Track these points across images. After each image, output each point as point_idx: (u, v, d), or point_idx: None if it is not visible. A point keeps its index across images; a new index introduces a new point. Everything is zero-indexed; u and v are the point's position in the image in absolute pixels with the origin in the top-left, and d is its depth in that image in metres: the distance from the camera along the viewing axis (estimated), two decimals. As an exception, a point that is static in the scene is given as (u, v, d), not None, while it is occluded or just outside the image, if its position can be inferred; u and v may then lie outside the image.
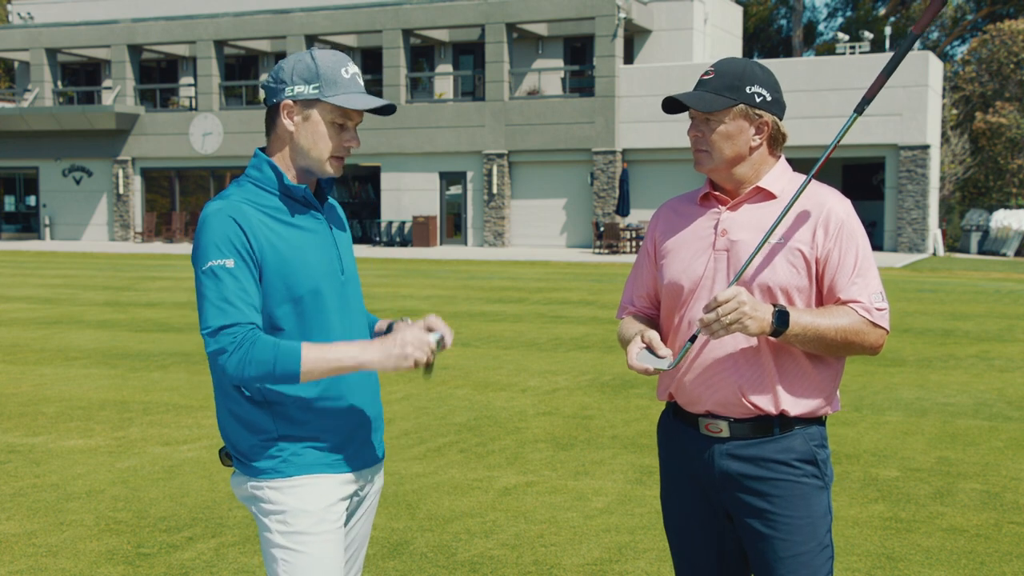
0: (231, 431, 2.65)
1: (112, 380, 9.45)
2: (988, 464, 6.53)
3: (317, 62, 2.59)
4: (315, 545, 2.58)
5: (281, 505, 2.58)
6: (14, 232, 39.52)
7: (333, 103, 2.57)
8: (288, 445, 2.59)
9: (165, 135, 36.10)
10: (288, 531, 2.58)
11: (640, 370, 2.64)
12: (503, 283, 20.09)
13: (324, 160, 2.62)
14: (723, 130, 2.67)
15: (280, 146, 2.65)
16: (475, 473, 6.30)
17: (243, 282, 2.50)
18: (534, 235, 32.65)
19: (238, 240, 2.51)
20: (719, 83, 2.67)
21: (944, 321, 13.94)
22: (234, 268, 2.50)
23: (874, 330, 2.63)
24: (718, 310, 2.48)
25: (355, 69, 2.64)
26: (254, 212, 2.56)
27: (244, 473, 2.65)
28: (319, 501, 2.59)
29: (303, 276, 2.58)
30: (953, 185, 34.38)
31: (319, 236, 2.65)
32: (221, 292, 2.48)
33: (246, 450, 2.63)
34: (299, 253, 2.58)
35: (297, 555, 2.57)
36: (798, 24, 46.70)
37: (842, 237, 2.64)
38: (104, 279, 21.11)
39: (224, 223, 2.51)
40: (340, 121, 2.61)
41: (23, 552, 4.92)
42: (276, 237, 2.56)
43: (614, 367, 10.06)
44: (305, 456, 2.60)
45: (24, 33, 37.81)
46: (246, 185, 2.63)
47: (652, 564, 4.78)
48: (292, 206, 2.63)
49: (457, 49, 35.92)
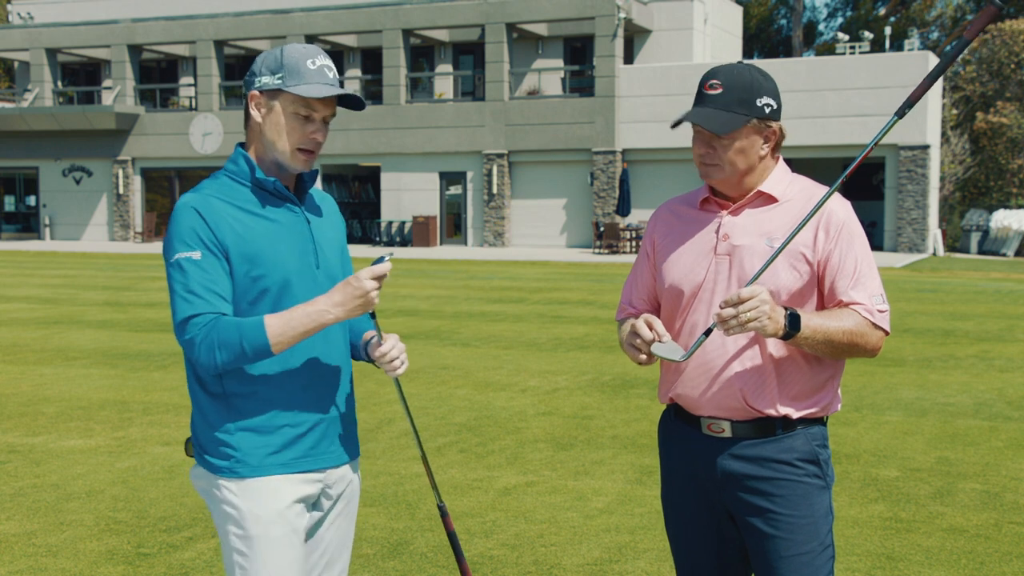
0: (194, 423, 2.65)
1: (112, 380, 9.44)
2: (988, 464, 6.53)
3: (284, 53, 2.58)
4: (269, 550, 2.55)
5: (235, 508, 2.57)
6: (14, 232, 39.52)
7: (293, 92, 2.54)
8: (243, 443, 2.56)
9: (165, 135, 36.10)
10: (242, 535, 2.56)
11: (641, 359, 2.64)
12: (503, 283, 20.08)
13: (288, 152, 2.60)
14: (738, 147, 2.64)
15: (253, 139, 2.65)
16: (475, 473, 6.30)
17: (210, 273, 2.49)
18: (534, 235, 32.64)
19: (203, 232, 2.50)
20: (730, 98, 2.62)
21: (944, 321, 13.94)
22: (200, 260, 2.49)
23: (875, 331, 2.63)
24: (739, 307, 2.45)
25: (325, 62, 2.60)
26: (222, 205, 2.55)
27: (202, 467, 2.63)
28: (273, 504, 2.56)
29: (271, 268, 2.55)
30: (953, 185, 34.37)
31: (292, 229, 2.62)
32: (187, 284, 2.48)
33: (204, 444, 2.62)
34: (268, 245, 2.56)
35: (250, 560, 2.56)
36: (798, 24, 46.70)
37: (842, 239, 2.63)
38: (104, 279, 21.10)
39: (189, 216, 2.51)
40: (304, 112, 2.58)
41: (23, 552, 4.92)
42: (244, 228, 2.54)
43: (614, 367, 10.06)
44: (259, 455, 2.57)
45: (24, 33, 37.80)
46: (221, 178, 2.63)
47: (652, 564, 4.78)
48: (264, 198, 2.61)
49: (457, 49, 35.92)
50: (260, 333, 2.45)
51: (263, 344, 2.45)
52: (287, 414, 2.60)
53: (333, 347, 2.69)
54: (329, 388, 2.68)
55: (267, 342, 2.45)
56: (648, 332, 2.61)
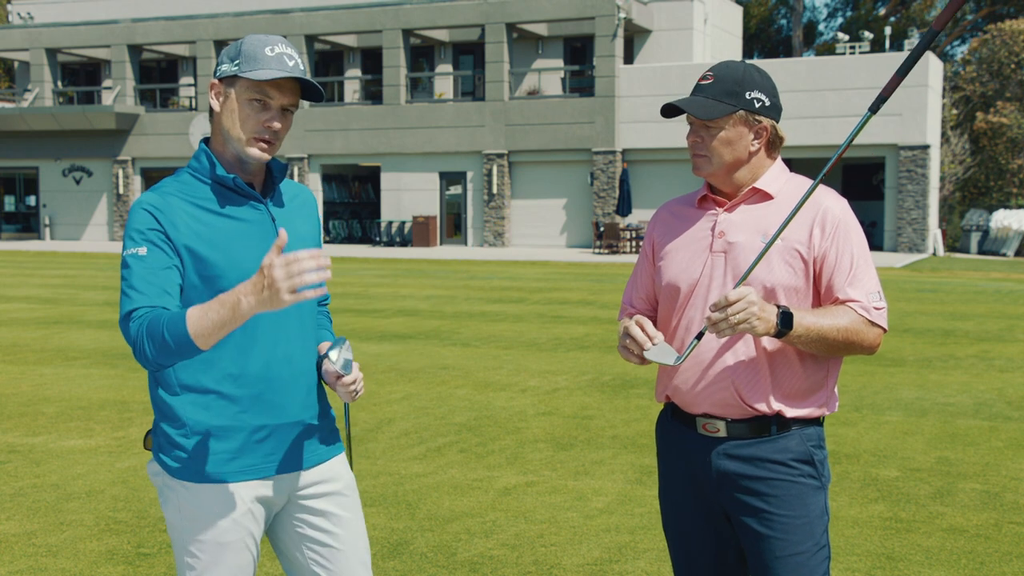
0: (155, 421, 2.61)
1: (112, 380, 9.44)
2: (988, 464, 6.53)
3: (243, 42, 2.52)
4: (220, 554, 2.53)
5: (188, 509, 2.53)
6: (14, 232, 39.52)
7: (247, 77, 2.48)
8: (197, 446, 2.52)
9: (165, 135, 36.11)
10: (194, 538, 2.53)
11: (637, 359, 2.65)
12: (503, 283, 20.08)
13: (244, 141, 2.51)
14: (723, 136, 2.66)
15: (215, 128, 2.58)
16: (475, 473, 6.30)
17: (153, 267, 2.42)
18: (534, 235, 32.64)
19: (152, 229, 2.45)
20: (718, 89, 2.66)
21: (944, 321, 13.94)
22: (146, 255, 2.43)
23: (872, 329, 2.63)
24: (727, 309, 2.46)
25: (285, 50, 2.52)
26: (180, 203, 2.50)
27: (159, 465, 2.59)
28: (226, 509, 2.52)
29: (227, 267, 2.48)
30: (953, 185, 34.37)
31: (254, 227, 2.55)
32: (130, 280, 2.43)
33: (162, 443, 2.57)
34: (225, 243, 2.49)
35: (201, 563, 2.53)
36: (798, 24, 46.70)
37: (839, 236, 2.64)
38: (104, 279, 21.10)
39: (140, 214, 2.47)
40: (259, 98, 2.50)
41: (23, 552, 4.92)
42: (200, 227, 2.49)
43: (614, 367, 10.06)
44: (216, 460, 2.52)
45: (24, 33, 37.81)
46: (183, 175, 2.57)
47: (652, 564, 4.78)
48: (225, 195, 2.54)
49: (457, 49, 35.92)
50: (181, 324, 2.29)
51: (183, 334, 2.28)
52: (245, 417, 2.54)
53: (295, 347, 2.62)
54: (292, 390, 2.61)
55: (186, 331, 2.27)
56: (640, 334, 2.62)
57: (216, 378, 2.52)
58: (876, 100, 2.50)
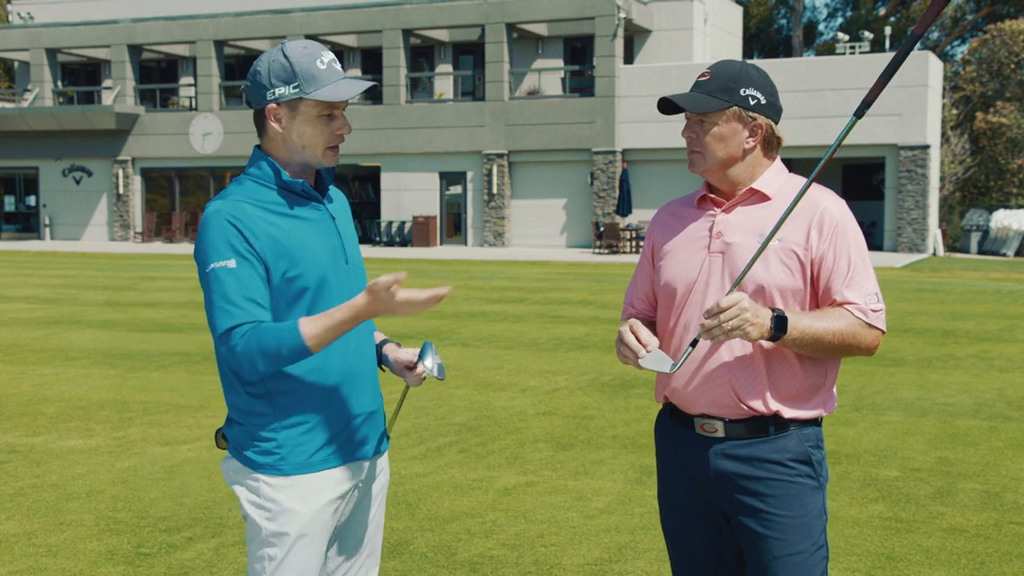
0: (232, 420, 2.68)
1: (112, 380, 9.44)
2: (988, 464, 6.53)
3: (291, 60, 2.56)
4: (301, 547, 2.60)
5: (274, 502, 2.60)
6: (14, 232, 39.53)
7: (316, 99, 2.55)
8: (286, 440, 2.60)
9: (165, 135, 36.10)
10: (277, 531, 2.59)
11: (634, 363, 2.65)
12: (503, 283, 20.09)
13: (319, 153, 2.63)
14: (716, 132, 2.67)
15: (274, 144, 2.65)
16: (475, 473, 6.30)
17: (245, 281, 2.50)
18: (534, 235, 32.64)
19: (237, 240, 2.51)
20: (714, 85, 2.67)
21: (944, 321, 13.94)
22: (236, 268, 2.50)
23: (870, 331, 2.63)
24: (720, 316, 2.46)
25: (330, 56, 2.61)
26: (253, 209, 2.56)
27: (240, 462, 2.66)
28: (312, 502, 2.61)
29: (308, 267, 2.58)
30: (953, 185, 34.37)
31: (322, 226, 2.66)
32: (225, 294, 2.49)
33: (244, 440, 2.64)
34: (302, 244, 2.59)
35: (281, 554, 2.59)
36: (798, 24, 46.70)
37: (836, 238, 2.63)
38: (104, 279, 21.10)
39: (221, 225, 2.52)
40: (327, 112, 2.60)
41: (23, 552, 4.92)
42: (277, 231, 2.56)
43: (614, 367, 10.06)
44: (301, 451, 2.61)
45: (24, 33, 37.80)
46: (246, 183, 2.64)
47: (652, 564, 4.78)
48: (291, 199, 2.63)
49: (457, 49, 35.92)
50: (295, 334, 2.46)
51: (299, 343, 2.46)
52: (328, 409, 2.63)
53: (364, 341, 2.74)
54: (364, 382, 2.72)
55: (302, 341, 2.46)
56: (634, 342, 2.63)
57: (300, 372, 2.60)
58: (861, 105, 2.48)
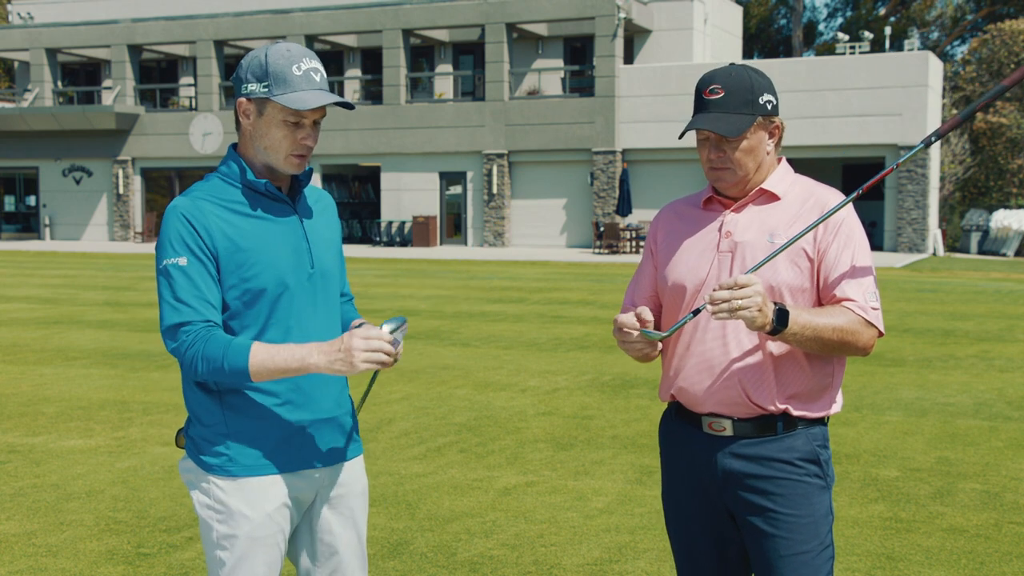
0: (189, 418, 2.66)
1: (112, 380, 9.44)
2: (988, 464, 6.53)
3: (268, 60, 2.54)
4: (252, 550, 2.58)
5: (224, 505, 2.58)
6: (14, 232, 39.52)
7: (281, 103, 2.52)
8: (235, 442, 2.57)
9: (165, 135, 36.11)
10: (228, 533, 2.58)
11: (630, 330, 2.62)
12: (503, 283, 20.08)
13: (280, 158, 2.58)
14: (745, 146, 2.66)
15: (245, 142, 2.63)
16: (475, 473, 6.30)
17: (196, 279, 2.49)
18: (534, 235, 32.64)
19: (190, 237, 2.50)
20: (734, 101, 2.64)
21: (944, 321, 13.94)
22: (187, 266, 2.49)
23: (867, 329, 2.63)
24: (733, 291, 2.45)
25: (310, 65, 2.55)
26: (212, 207, 2.54)
27: (193, 462, 2.64)
28: (262, 504, 2.58)
29: (264, 268, 2.54)
30: (953, 185, 34.37)
31: (285, 229, 2.61)
32: (174, 291, 2.48)
33: (197, 441, 2.62)
34: (260, 246, 2.55)
35: (233, 557, 2.58)
36: (798, 24, 46.70)
37: (840, 235, 2.65)
38: (104, 279, 21.10)
39: (176, 221, 2.51)
40: (293, 119, 2.54)
41: (23, 552, 4.92)
42: (234, 230, 2.53)
43: (614, 367, 10.06)
44: (251, 454, 2.58)
45: (24, 33, 37.81)
46: (213, 180, 2.62)
47: (652, 564, 4.78)
48: (255, 199, 2.60)
49: (457, 49, 35.92)
50: (243, 358, 2.44)
51: (242, 368, 2.44)
52: (281, 413, 2.60)
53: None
54: (325, 387, 2.66)
55: (246, 368, 2.44)
56: (631, 320, 2.61)
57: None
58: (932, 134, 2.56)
